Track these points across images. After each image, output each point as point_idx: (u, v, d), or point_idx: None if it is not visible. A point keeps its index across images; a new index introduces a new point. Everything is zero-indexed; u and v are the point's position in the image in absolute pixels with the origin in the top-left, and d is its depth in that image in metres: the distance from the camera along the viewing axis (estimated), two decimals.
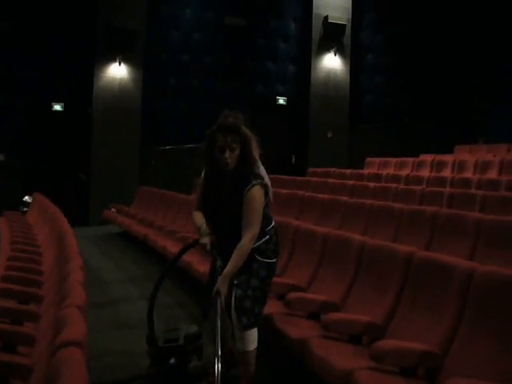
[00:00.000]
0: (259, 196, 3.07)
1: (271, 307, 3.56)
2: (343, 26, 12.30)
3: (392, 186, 7.30)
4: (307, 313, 3.59)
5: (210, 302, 2.98)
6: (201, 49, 11.89)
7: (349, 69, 12.68)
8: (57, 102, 10.93)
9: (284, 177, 9.85)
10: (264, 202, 3.12)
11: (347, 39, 12.55)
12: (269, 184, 3.32)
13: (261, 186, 3.10)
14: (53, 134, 10.91)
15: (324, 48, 12.43)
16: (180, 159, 11.52)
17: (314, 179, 9.26)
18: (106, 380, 3.60)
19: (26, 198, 9.73)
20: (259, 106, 11.91)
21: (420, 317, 2.98)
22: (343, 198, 6.46)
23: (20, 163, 10.51)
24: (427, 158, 10.11)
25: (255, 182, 3.07)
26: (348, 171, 10.04)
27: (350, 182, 8.25)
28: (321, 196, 6.83)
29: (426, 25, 13.19)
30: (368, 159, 11.32)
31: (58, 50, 10.79)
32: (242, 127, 3.15)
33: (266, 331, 3.39)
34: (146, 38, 11.21)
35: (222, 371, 2.65)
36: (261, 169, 3.47)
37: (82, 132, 11.01)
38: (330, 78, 12.51)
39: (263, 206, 3.11)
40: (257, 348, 3.17)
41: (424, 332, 2.86)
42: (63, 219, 5.27)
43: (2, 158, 10.46)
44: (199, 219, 3.22)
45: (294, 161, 12.73)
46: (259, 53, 12.42)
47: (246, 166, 3.10)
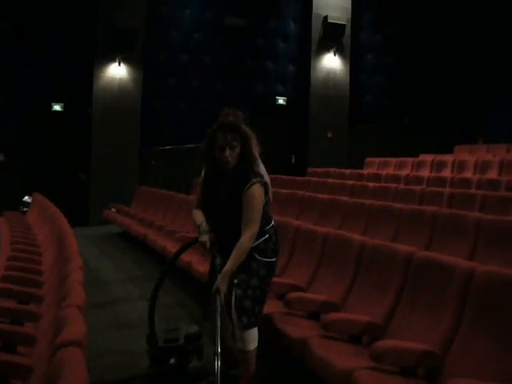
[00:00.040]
0: (259, 194, 3.08)
1: (271, 307, 3.56)
2: (343, 26, 12.30)
3: (392, 186, 7.30)
4: (307, 313, 3.59)
5: (210, 300, 2.98)
6: (200, 49, 11.89)
7: (348, 69, 12.68)
8: (56, 102, 10.93)
9: (284, 177, 9.85)
10: (264, 201, 3.12)
11: (347, 39, 12.55)
12: (269, 182, 3.32)
13: (261, 184, 3.10)
14: (53, 134, 10.91)
15: (324, 48, 12.43)
16: (180, 159, 11.53)
17: (313, 179, 9.26)
18: (105, 380, 3.60)
19: (26, 198, 9.73)
20: (259, 106, 11.91)
21: (420, 317, 2.98)
22: (343, 198, 6.46)
23: (20, 163, 10.51)
24: (427, 158, 10.11)
25: (255, 180, 3.07)
26: (348, 171, 10.05)
27: (350, 182, 8.25)
28: (321, 196, 6.83)
29: (426, 25, 13.19)
30: (368, 159, 11.32)
31: (57, 50, 10.79)
32: (242, 126, 3.15)
33: (266, 331, 3.39)
34: (146, 38, 11.21)
35: (222, 369, 2.66)
36: (261, 167, 3.47)
37: (81, 132, 11.00)
38: (330, 78, 12.51)
39: (263, 205, 3.11)
40: (257, 348, 3.17)
41: (424, 332, 2.86)
42: (63, 219, 5.27)
43: (1, 157, 10.46)
44: (199, 217, 3.22)
45: (293, 161, 12.74)
46: (259, 53, 12.42)
47: (246, 165, 3.10)
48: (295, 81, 12.75)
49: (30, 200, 9.50)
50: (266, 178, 3.39)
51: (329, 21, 12.17)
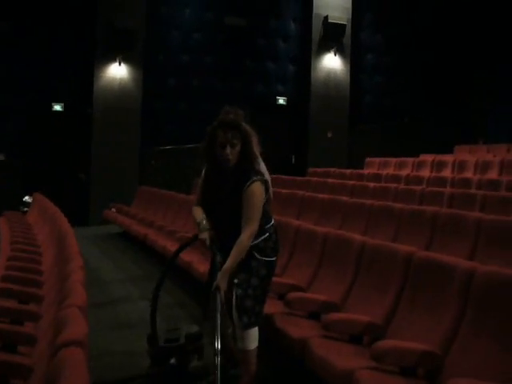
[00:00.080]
0: (259, 192, 3.07)
1: (272, 307, 3.56)
2: (343, 26, 12.30)
3: (392, 186, 7.30)
4: (307, 313, 3.59)
5: (210, 298, 2.98)
6: (201, 49, 11.89)
7: (349, 69, 12.68)
8: (57, 102, 10.93)
9: (284, 177, 9.85)
10: (264, 199, 3.12)
11: (347, 39, 12.55)
12: (269, 180, 3.32)
13: (261, 182, 3.10)
14: (53, 134, 10.91)
15: (324, 48, 12.43)
16: (180, 159, 11.52)
17: (314, 179, 9.26)
18: (106, 380, 3.60)
19: (26, 197, 9.73)
20: (259, 106, 11.90)
21: (420, 317, 2.98)
22: (343, 198, 6.46)
23: (20, 163, 10.50)
24: (427, 158, 10.11)
25: (255, 178, 3.07)
26: (348, 171, 10.04)
27: (350, 182, 8.25)
28: (321, 196, 6.83)
29: (426, 25, 13.19)
30: (368, 159, 11.32)
31: (58, 50, 10.79)
32: (243, 123, 3.15)
33: (267, 331, 3.39)
34: (146, 38, 11.21)
35: (222, 366, 2.65)
36: (261, 165, 3.47)
37: (82, 132, 11.00)
38: (331, 78, 12.51)
39: (263, 203, 3.11)
40: (257, 347, 3.17)
41: (424, 332, 2.86)
42: (63, 219, 5.26)
43: (2, 157, 10.46)
44: (199, 215, 3.22)
45: (293, 161, 12.73)
46: (259, 53, 12.42)
47: (246, 163, 3.10)
48: (295, 81, 12.75)
49: (30, 200, 9.50)
50: (267, 176, 3.39)
51: (329, 21, 12.17)
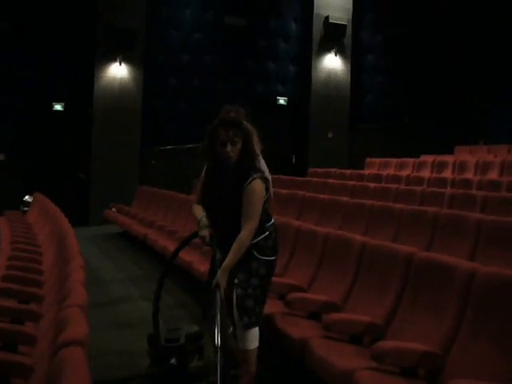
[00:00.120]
0: (260, 189, 3.07)
1: (272, 307, 3.55)
2: (344, 27, 12.31)
3: (392, 186, 7.30)
4: (308, 313, 3.59)
5: (210, 294, 2.97)
6: (201, 49, 11.90)
7: (349, 69, 12.68)
8: (57, 101, 10.93)
9: (284, 177, 9.85)
10: (264, 197, 3.12)
11: (348, 39, 12.55)
12: (269, 178, 3.32)
13: (261, 179, 3.10)
14: (53, 134, 10.91)
15: (325, 48, 12.43)
16: (180, 159, 11.52)
17: (314, 179, 9.26)
18: (106, 379, 3.60)
19: (27, 197, 9.73)
20: (260, 106, 11.90)
21: (421, 317, 2.98)
22: (344, 199, 6.46)
23: (20, 163, 10.51)
24: (428, 158, 10.10)
25: (256, 176, 3.07)
26: (348, 172, 10.04)
27: (351, 182, 8.25)
28: (321, 196, 6.83)
29: (427, 25, 13.18)
30: (368, 159, 11.32)
31: (58, 50, 10.79)
32: (244, 122, 3.16)
33: (267, 331, 3.39)
34: (146, 38, 11.21)
35: (222, 363, 2.65)
36: (262, 163, 3.47)
37: (82, 132, 11.00)
38: (331, 79, 12.51)
39: (263, 201, 3.11)
40: (258, 347, 3.16)
41: (425, 332, 2.86)
42: (64, 219, 5.26)
43: (2, 157, 10.47)
44: (199, 212, 3.23)
45: (294, 161, 12.74)
46: (259, 53, 12.42)
47: (247, 160, 3.10)
48: (296, 81, 12.75)
49: (30, 199, 9.50)
50: (267, 174, 3.39)
51: (330, 21, 12.18)
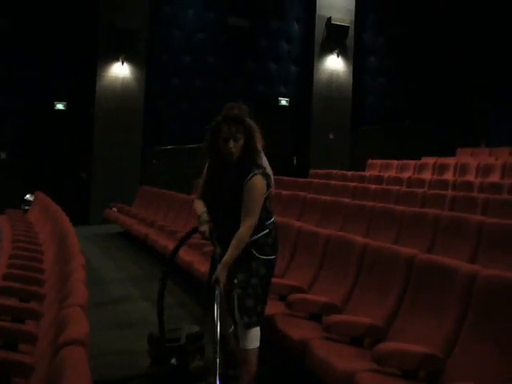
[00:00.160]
0: (261, 185, 3.08)
1: (273, 308, 3.55)
2: (346, 28, 12.31)
3: (394, 188, 7.30)
4: (308, 314, 3.58)
5: (210, 289, 2.97)
6: (203, 49, 11.90)
7: (351, 70, 12.68)
8: (59, 100, 10.94)
9: (286, 178, 9.84)
10: (265, 193, 3.12)
11: (350, 41, 12.55)
12: (271, 175, 3.32)
13: (262, 175, 3.10)
14: (54, 133, 10.92)
15: (327, 49, 12.43)
16: (181, 159, 11.52)
17: (315, 181, 9.26)
18: (106, 379, 3.60)
19: (28, 196, 9.73)
20: (261, 106, 11.88)
21: (422, 319, 2.98)
22: (345, 200, 6.45)
23: (21, 162, 10.52)
24: (429, 160, 10.11)
25: (257, 172, 3.08)
26: (350, 173, 10.04)
27: (352, 183, 8.24)
28: (322, 198, 6.82)
29: (428, 26, 13.18)
30: (370, 161, 11.32)
31: (60, 49, 10.80)
32: (247, 118, 3.17)
33: (268, 332, 3.38)
34: (148, 38, 11.22)
35: (221, 361, 2.64)
36: (263, 159, 3.48)
37: (83, 131, 11.01)
38: (333, 80, 12.51)
39: (264, 197, 3.11)
40: (259, 348, 3.16)
41: (426, 334, 2.86)
42: (65, 218, 5.26)
43: (3, 156, 10.47)
44: (200, 208, 3.24)
45: (295, 162, 12.73)
46: (262, 54, 12.42)
47: (249, 157, 3.11)
48: (298, 82, 12.74)
49: (31, 198, 9.50)
50: (269, 170, 3.39)
51: (332, 22, 12.18)
